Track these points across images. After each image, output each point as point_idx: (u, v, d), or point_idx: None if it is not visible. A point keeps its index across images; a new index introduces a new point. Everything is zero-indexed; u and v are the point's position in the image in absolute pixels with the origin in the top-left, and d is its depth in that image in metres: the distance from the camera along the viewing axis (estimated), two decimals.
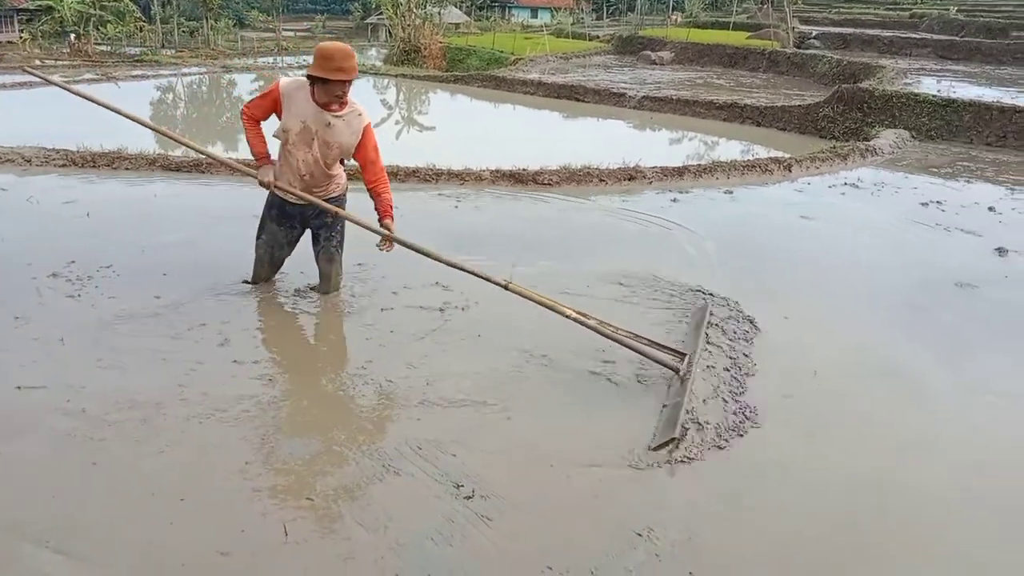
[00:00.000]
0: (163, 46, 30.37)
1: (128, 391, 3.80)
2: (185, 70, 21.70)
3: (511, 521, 2.99)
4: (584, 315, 4.29)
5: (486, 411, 3.80)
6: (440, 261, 4.51)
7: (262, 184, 4.61)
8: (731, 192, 8.72)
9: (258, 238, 4.99)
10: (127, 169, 8.48)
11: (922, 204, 8.52)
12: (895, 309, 5.41)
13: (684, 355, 4.22)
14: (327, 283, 5.05)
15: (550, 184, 8.61)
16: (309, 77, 4.35)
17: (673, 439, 3.51)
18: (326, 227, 4.90)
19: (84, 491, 3.08)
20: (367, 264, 5.55)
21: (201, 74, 21.43)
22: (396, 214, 4.69)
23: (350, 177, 4.97)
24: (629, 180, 8.95)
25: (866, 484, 3.37)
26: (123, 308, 4.72)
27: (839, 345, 4.79)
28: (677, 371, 4.09)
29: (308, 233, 4.99)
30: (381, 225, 4.59)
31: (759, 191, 9.01)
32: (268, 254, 5.02)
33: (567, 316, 4.26)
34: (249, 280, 5.14)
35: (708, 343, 4.55)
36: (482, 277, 4.43)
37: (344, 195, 4.91)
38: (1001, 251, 6.83)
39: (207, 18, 33.05)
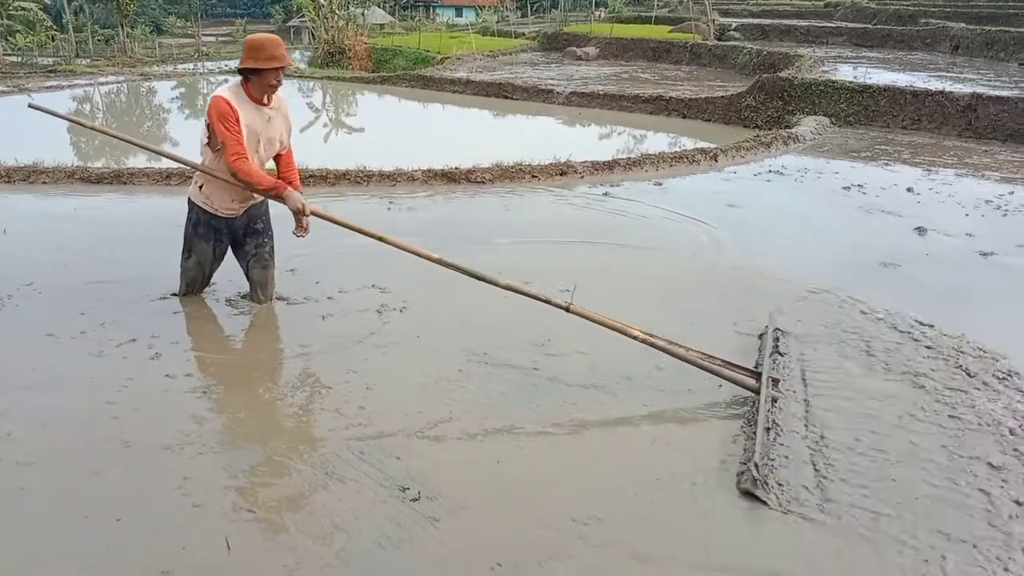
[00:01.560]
0: (77, 55, 29.41)
1: (56, 412, 3.67)
2: (102, 79, 21.01)
3: (458, 521, 2.98)
4: (652, 336, 4.05)
5: (428, 413, 3.77)
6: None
7: (297, 211, 4.42)
8: (660, 183, 8.86)
9: (186, 258, 4.83)
10: (44, 183, 8.20)
11: (844, 188, 8.79)
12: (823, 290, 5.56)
13: (759, 373, 4.00)
14: (264, 290, 4.94)
15: (483, 182, 8.61)
16: (243, 71, 4.29)
17: (747, 470, 3.24)
18: (256, 234, 4.80)
19: (13, 518, 2.96)
20: (299, 270, 5.48)
21: (119, 83, 20.79)
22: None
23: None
24: (561, 175, 9.01)
25: None
26: (47, 327, 4.55)
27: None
28: (756, 391, 3.86)
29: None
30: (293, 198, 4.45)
31: (688, 181, 9.17)
32: (199, 272, 4.88)
33: (636, 338, 4.02)
34: (178, 293, 5.01)
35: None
36: (542, 299, 4.15)
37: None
38: (921, 230, 7.09)
39: (123, 25, 32.05)
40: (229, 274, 5.04)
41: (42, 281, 5.27)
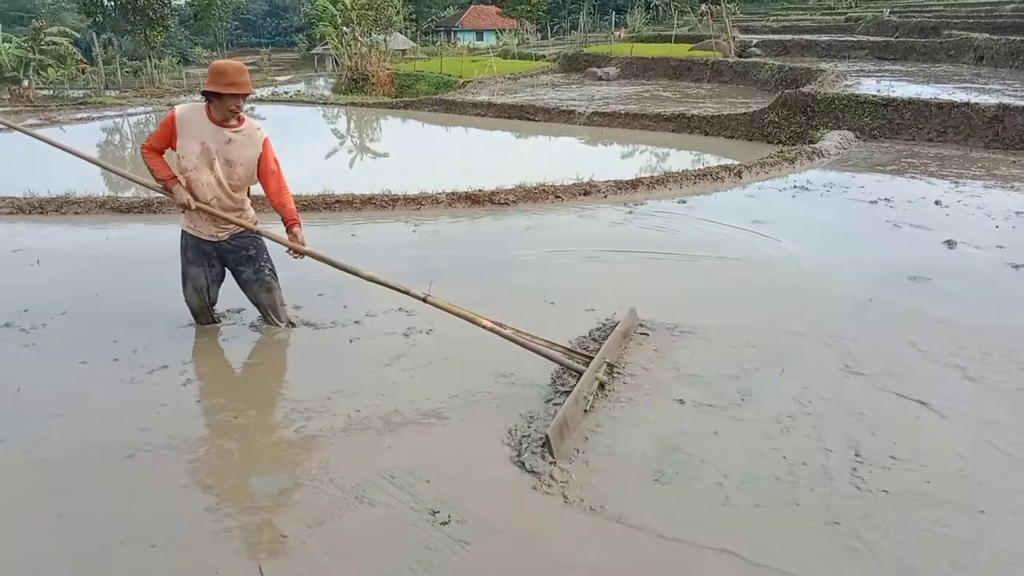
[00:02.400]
0: (107, 87, 30.03)
1: (90, 438, 3.73)
2: (131, 110, 21.44)
3: (489, 544, 2.98)
4: (500, 324, 4.34)
5: (457, 435, 3.78)
6: (358, 275, 4.48)
7: (181, 204, 4.52)
8: (685, 201, 8.84)
9: (184, 285, 4.88)
10: (76, 213, 8.35)
11: (871, 202, 8.71)
12: (847, 303, 5.50)
13: (591, 359, 4.25)
14: (275, 313, 5.00)
15: (507, 203, 8.65)
16: (204, 94, 4.43)
17: (547, 437, 3.53)
18: (251, 260, 4.83)
19: (50, 544, 2.99)
20: (327, 294, 5.52)
21: (147, 113, 21.19)
22: (354, 242, 4.69)
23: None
24: (584, 195, 9.03)
25: None
26: (80, 354, 4.63)
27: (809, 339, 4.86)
28: (580, 373, 4.12)
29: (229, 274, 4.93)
30: (290, 234, 4.64)
31: (713, 198, 9.14)
32: (197, 297, 4.91)
33: (484, 327, 4.31)
34: (195, 322, 5.06)
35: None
36: (401, 291, 4.41)
37: (257, 233, 4.80)
38: (950, 243, 7.01)
39: (150, 57, 32.71)
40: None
41: (75, 310, 5.37)
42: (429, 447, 3.66)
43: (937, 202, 8.62)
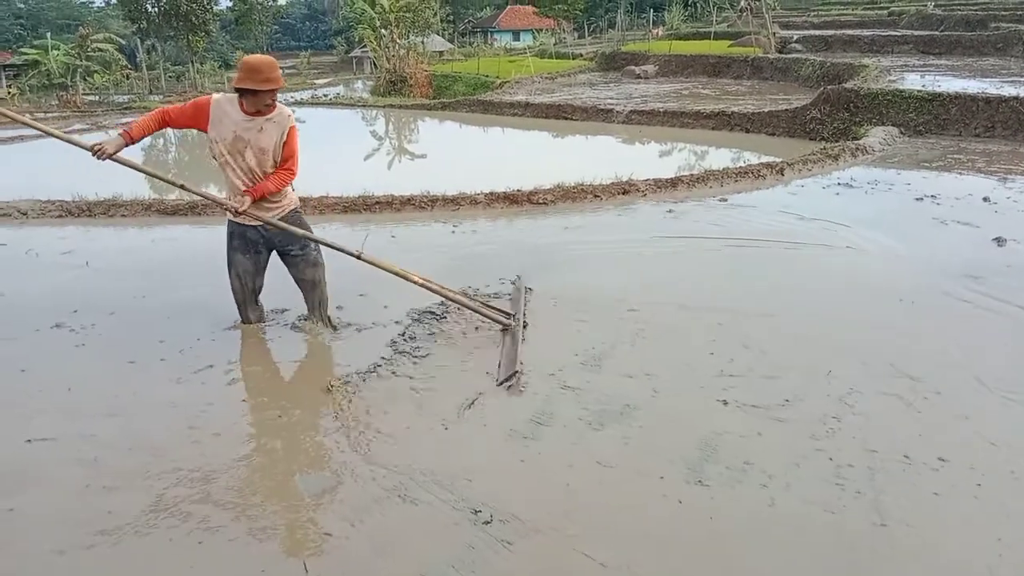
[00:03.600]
0: (151, 92, 30.61)
1: (139, 437, 3.79)
2: None
3: (531, 543, 2.97)
4: (428, 281, 4.88)
5: (495, 433, 3.78)
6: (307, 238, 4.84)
7: (95, 151, 4.28)
8: (726, 199, 8.75)
9: (230, 274, 4.94)
10: (123, 216, 8.51)
11: (917, 199, 8.55)
12: (896, 304, 5.41)
13: (511, 314, 5.06)
14: (316, 289, 5.03)
15: (545, 203, 8.64)
16: (238, 90, 4.44)
17: (516, 372, 4.26)
18: (297, 241, 4.86)
19: (103, 540, 3.04)
20: (369, 294, 5.56)
21: None
22: (394, 243, 4.72)
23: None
24: (623, 194, 8.98)
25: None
26: (128, 354, 4.72)
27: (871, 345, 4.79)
28: (508, 326, 4.90)
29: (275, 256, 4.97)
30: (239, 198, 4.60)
31: (754, 196, 9.03)
32: (241, 286, 4.97)
33: (415, 283, 4.82)
34: (239, 322, 5.12)
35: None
36: (336, 248, 4.75)
37: (297, 211, 4.90)
38: (1000, 240, 6.84)
39: (192, 62, 33.27)
40: (297, 299, 5.14)
41: (123, 310, 5.47)
42: (469, 445, 3.67)
43: (985, 199, 8.43)
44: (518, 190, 8.80)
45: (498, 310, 5.13)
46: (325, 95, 28.91)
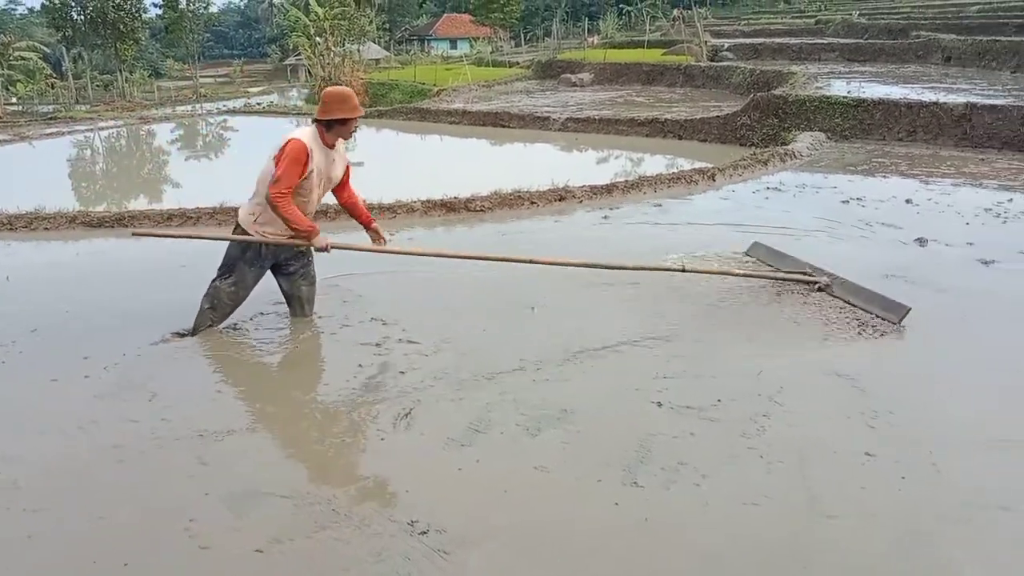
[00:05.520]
0: (77, 101, 29.73)
1: (61, 458, 3.66)
2: (101, 124, 21.24)
3: (467, 552, 2.95)
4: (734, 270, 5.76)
5: (437, 443, 3.75)
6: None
7: (322, 250, 4.75)
8: (660, 205, 8.87)
9: (224, 278, 4.89)
10: (46, 229, 8.23)
11: (843, 202, 8.79)
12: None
13: (810, 274, 5.65)
14: (310, 305, 5.26)
15: (482, 210, 8.64)
16: (327, 122, 4.56)
17: (908, 308, 4.95)
18: (302, 255, 5.06)
19: (23, 565, 2.92)
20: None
21: (118, 127, 21.00)
22: (330, 254, 4.69)
23: None
24: (560, 201, 9.03)
25: None
26: (51, 372, 4.55)
27: None
28: (826, 285, 5.54)
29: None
30: (372, 232, 5.15)
31: (687, 202, 9.18)
32: (232, 298, 4.95)
33: (737, 275, 5.71)
34: (186, 332, 5.00)
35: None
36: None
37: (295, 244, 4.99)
38: (921, 241, 7.08)
39: (121, 70, 32.47)
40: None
41: (45, 327, 5.28)
42: (412, 456, 3.64)
43: (908, 201, 8.71)
44: (455, 197, 8.78)
45: (800, 272, 5.72)
46: (259, 103, 28.48)
